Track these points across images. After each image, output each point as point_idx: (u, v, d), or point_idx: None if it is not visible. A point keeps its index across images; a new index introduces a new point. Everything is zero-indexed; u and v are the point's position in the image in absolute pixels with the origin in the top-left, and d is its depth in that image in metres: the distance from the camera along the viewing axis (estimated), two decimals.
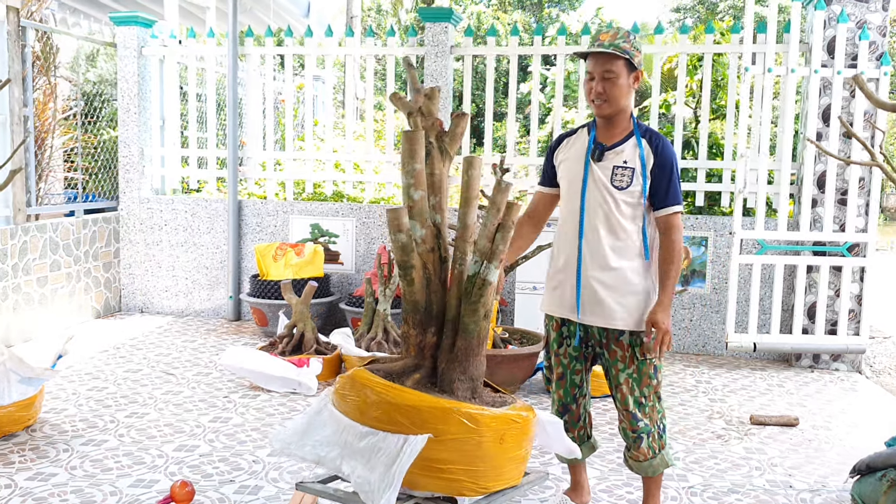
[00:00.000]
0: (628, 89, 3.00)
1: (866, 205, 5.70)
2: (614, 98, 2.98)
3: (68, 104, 7.19)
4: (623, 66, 2.95)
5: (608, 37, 2.95)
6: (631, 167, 2.98)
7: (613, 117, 3.03)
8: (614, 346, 3.04)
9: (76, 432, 4.10)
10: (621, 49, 2.92)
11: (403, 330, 2.63)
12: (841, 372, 5.77)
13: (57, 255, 6.31)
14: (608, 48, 2.92)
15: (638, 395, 3.04)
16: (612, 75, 2.94)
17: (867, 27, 5.58)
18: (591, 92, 3.00)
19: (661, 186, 2.99)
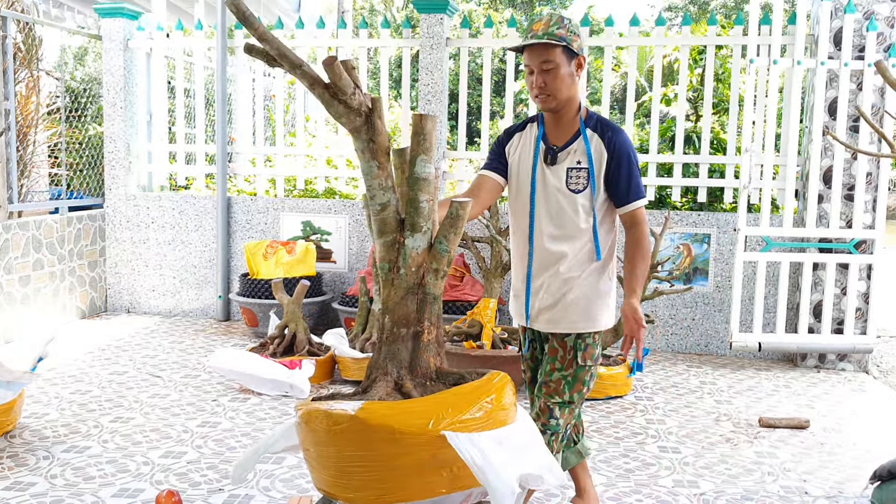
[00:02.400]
0: (571, 78, 2.78)
1: (874, 200, 5.57)
2: (557, 90, 2.76)
3: (52, 98, 6.99)
4: (562, 55, 2.73)
5: (541, 25, 2.73)
6: (585, 167, 2.79)
7: (561, 110, 2.82)
8: (557, 345, 2.88)
9: (57, 438, 3.92)
10: (556, 37, 2.69)
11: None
12: (848, 372, 5.64)
13: (40, 254, 6.12)
14: (542, 38, 2.69)
15: (567, 397, 2.87)
16: (551, 66, 2.73)
17: (875, 18, 5.44)
18: (533, 87, 2.78)
19: (620, 181, 2.79)
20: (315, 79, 2.11)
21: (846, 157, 5.55)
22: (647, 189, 6.20)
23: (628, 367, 4.87)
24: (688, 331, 6.07)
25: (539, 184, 2.84)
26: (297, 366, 4.81)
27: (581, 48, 2.78)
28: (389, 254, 2.26)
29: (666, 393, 4.99)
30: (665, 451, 3.97)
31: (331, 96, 2.12)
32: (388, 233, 2.23)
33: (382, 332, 2.30)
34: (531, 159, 2.86)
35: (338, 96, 2.13)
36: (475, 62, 18.04)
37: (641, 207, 2.84)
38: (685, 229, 5.99)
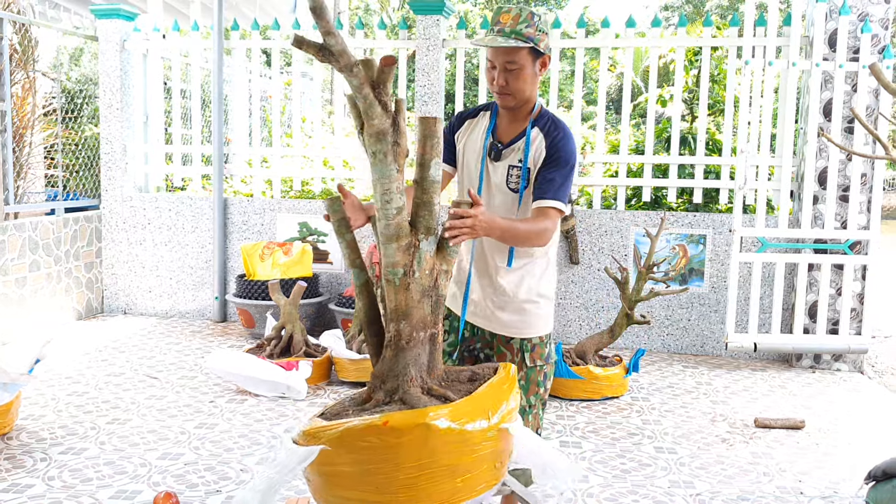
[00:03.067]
0: (534, 78, 2.70)
1: (868, 201, 5.59)
2: (519, 90, 2.68)
3: (48, 99, 6.99)
4: (527, 56, 2.63)
5: (509, 20, 2.61)
6: (525, 167, 2.72)
7: (518, 109, 2.75)
8: (504, 349, 2.79)
9: (55, 440, 3.92)
10: (524, 37, 2.59)
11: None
12: (843, 372, 5.66)
13: (36, 255, 6.11)
14: (510, 37, 2.59)
15: (524, 402, 2.77)
16: (515, 66, 2.63)
17: (869, 20, 5.46)
18: (494, 83, 2.68)
19: (546, 180, 2.67)
20: (366, 79, 2.08)
21: (841, 159, 5.57)
22: (644, 190, 6.22)
23: (624, 367, 4.89)
24: (684, 331, 6.09)
25: (485, 179, 2.77)
26: (293, 367, 4.81)
27: (548, 47, 2.69)
28: (405, 258, 2.21)
29: (662, 393, 5.01)
30: (661, 451, 3.98)
31: (375, 97, 2.09)
32: (404, 237, 2.19)
33: (399, 337, 2.24)
34: (479, 152, 2.79)
35: (380, 97, 2.10)
36: (471, 62, 18.04)
37: (555, 210, 2.67)
38: (681, 230, 6.00)
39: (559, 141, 2.69)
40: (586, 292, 6.20)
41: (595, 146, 6.77)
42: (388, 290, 2.19)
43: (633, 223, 6.10)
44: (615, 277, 4.95)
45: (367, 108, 2.06)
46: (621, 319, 4.90)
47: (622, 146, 6.23)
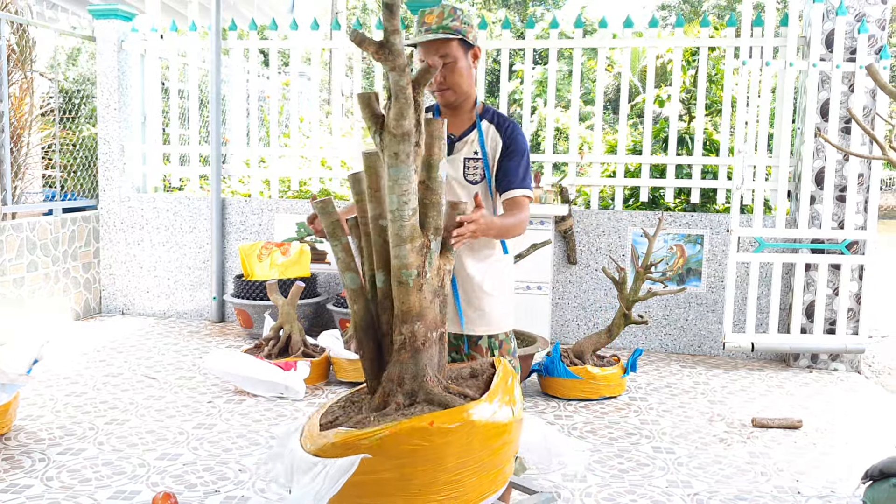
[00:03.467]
0: (469, 71, 2.74)
1: (865, 201, 5.60)
2: (457, 84, 2.72)
3: (46, 100, 6.98)
4: (458, 48, 2.68)
5: (434, 18, 2.67)
6: (481, 157, 2.76)
7: (460, 104, 2.78)
8: (472, 351, 2.82)
9: (53, 440, 3.92)
10: (451, 29, 2.64)
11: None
12: (840, 372, 5.67)
13: (34, 256, 6.11)
14: (437, 31, 2.64)
15: None
16: (449, 60, 2.67)
17: (866, 20, 5.47)
18: (432, 83, 2.72)
19: (510, 170, 2.74)
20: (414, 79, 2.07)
21: (838, 159, 5.59)
22: (641, 190, 6.24)
23: (622, 367, 4.89)
24: (681, 331, 6.10)
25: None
26: (292, 367, 4.81)
27: (475, 39, 2.73)
28: (418, 259, 2.20)
29: (660, 393, 5.02)
30: (659, 451, 3.99)
31: (416, 96, 2.08)
32: (418, 237, 2.18)
33: (415, 339, 2.22)
34: None
35: (417, 98, 2.10)
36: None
37: (527, 198, 2.77)
38: (678, 230, 6.01)
39: (513, 132, 2.77)
40: (584, 292, 6.21)
41: (593, 146, 6.78)
42: (401, 291, 2.16)
43: (631, 223, 6.11)
44: (613, 277, 4.96)
45: (403, 108, 2.03)
46: (619, 319, 4.91)
47: (620, 146, 6.23)
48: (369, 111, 2.07)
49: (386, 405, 2.16)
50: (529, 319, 5.85)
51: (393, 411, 2.12)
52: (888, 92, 3.09)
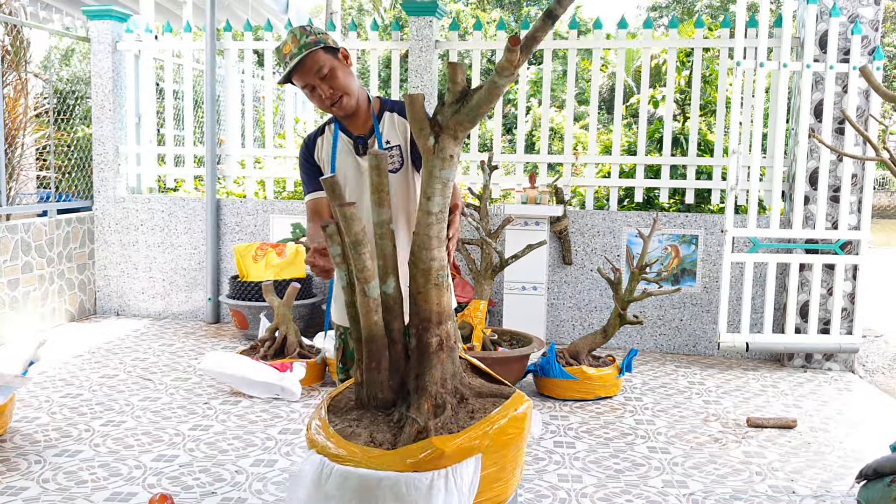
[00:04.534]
0: (346, 71, 2.76)
1: (859, 202, 5.62)
2: (344, 87, 2.73)
3: (40, 100, 6.97)
4: (326, 56, 2.70)
5: (290, 46, 2.69)
6: (395, 144, 2.77)
7: (358, 108, 2.80)
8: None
9: (49, 442, 3.91)
10: (310, 44, 2.67)
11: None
12: (834, 372, 5.69)
13: (29, 257, 6.10)
14: (301, 52, 2.66)
15: None
16: (325, 70, 2.69)
17: (859, 21, 5.49)
18: (324, 100, 2.74)
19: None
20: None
21: (832, 159, 5.61)
22: (636, 190, 6.25)
23: (617, 367, 4.91)
24: (676, 331, 6.11)
25: (360, 176, 2.80)
26: (287, 368, 4.81)
27: (335, 42, 2.76)
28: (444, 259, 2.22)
29: (655, 393, 5.03)
30: (654, 451, 4.00)
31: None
32: (444, 239, 2.21)
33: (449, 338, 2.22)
34: (346, 155, 2.82)
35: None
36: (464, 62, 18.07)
37: None
38: (673, 230, 6.03)
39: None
40: (579, 293, 6.23)
41: (587, 146, 6.79)
42: (437, 293, 2.17)
43: (626, 224, 6.12)
44: (608, 278, 4.97)
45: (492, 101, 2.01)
46: (614, 320, 4.92)
47: (614, 147, 6.25)
48: (422, 112, 2.05)
49: (439, 408, 2.15)
50: (525, 320, 5.86)
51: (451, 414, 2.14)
52: (881, 93, 3.11)
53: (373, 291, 2.16)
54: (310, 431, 2.15)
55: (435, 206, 2.10)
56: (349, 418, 2.20)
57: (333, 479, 1.94)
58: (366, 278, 2.12)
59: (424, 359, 2.18)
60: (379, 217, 2.17)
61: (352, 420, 2.19)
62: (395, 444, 2.05)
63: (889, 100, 3.15)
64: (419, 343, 2.19)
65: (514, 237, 5.88)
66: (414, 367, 2.20)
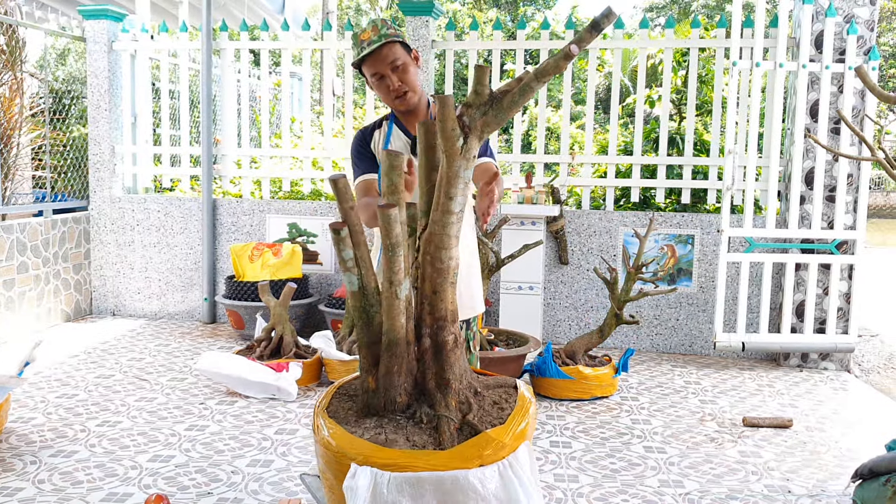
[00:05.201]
0: (416, 70, 2.87)
1: (854, 201, 5.63)
2: (412, 84, 2.83)
3: (35, 100, 6.96)
4: (402, 51, 2.81)
5: (370, 34, 2.79)
6: None
7: (416, 107, 2.88)
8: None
9: (44, 443, 3.91)
10: (390, 36, 2.77)
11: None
12: (830, 371, 5.70)
13: (24, 257, 6.09)
14: (380, 41, 2.76)
15: None
16: (400, 63, 2.80)
17: (855, 21, 5.50)
18: (390, 90, 2.82)
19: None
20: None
21: (828, 159, 5.62)
22: (632, 190, 6.26)
23: (614, 367, 4.91)
24: (672, 331, 6.12)
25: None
26: (284, 368, 4.81)
27: (411, 42, 2.85)
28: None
29: (651, 393, 5.03)
30: (650, 451, 4.00)
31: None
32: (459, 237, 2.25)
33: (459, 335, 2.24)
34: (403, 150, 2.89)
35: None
36: (460, 63, 18.06)
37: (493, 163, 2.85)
38: (669, 230, 6.03)
39: None
40: (575, 292, 6.23)
41: (584, 146, 6.79)
42: (451, 292, 2.19)
43: (622, 223, 6.13)
44: (604, 278, 4.98)
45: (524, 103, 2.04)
46: (610, 319, 4.93)
47: (611, 146, 6.25)
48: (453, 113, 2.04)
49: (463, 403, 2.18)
50: (521, 320, 5.86)
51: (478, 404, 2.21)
52: (877, 93, 3.11)
53: (402, 293, 2.14)
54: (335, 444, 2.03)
55: (457, 206, 2.10)
56: (367, 426, 2.13)
57: (397, 486, 1.90)
58: (399, 280, 2.09)
59: (442, 357, 2.18)
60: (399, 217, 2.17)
61: (371, 427, 2.12)
62: (441, 444, 2.03)
63: (884, 100, 3.16)
64: (435, 342, 2.19)
65: (510, 237, 5.88)
66: (431, 366, 2.19)
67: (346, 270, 2.13)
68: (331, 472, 2.06)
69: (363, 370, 2.22)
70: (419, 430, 2.11)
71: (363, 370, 2.22)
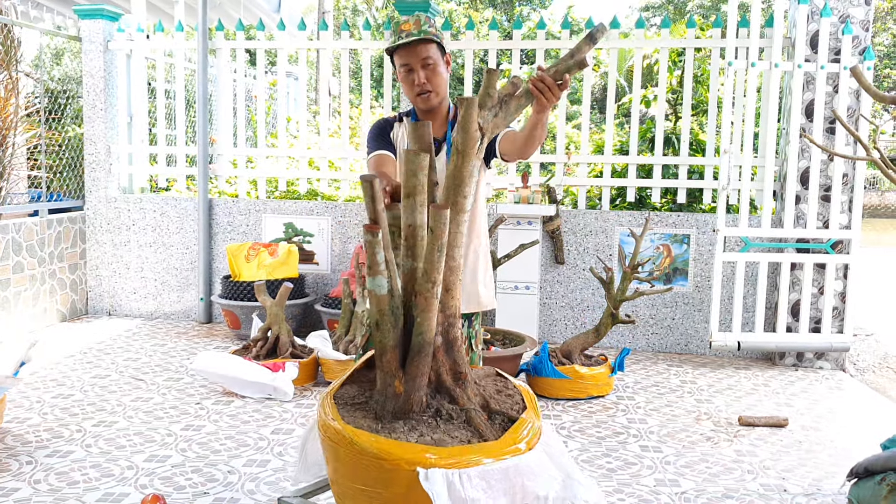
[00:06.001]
0: (446, 75, 2.89)
1: (850, 201, 5.65)
2: (438, 85, 2.85)
3: (31, 100, 6.94)
4: (437, 51, 2.84)
5: (411, 25, 2.81)
6: None
7: (437, 109, 2.90)
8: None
9: (40, 443, 3.90)
10: (431, 34, 2.80)
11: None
12: (825, 370, 5.72)
13: (20, 257, 6.08)
14: (419, 35, 2.78)
15: None
16: (431, 62, 2.83)
17: (850, 21, 5.52)
18: (415, 84, 2.85)
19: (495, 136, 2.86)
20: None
21: (823, 159, 5.63)
22: (628, 190, 6.27)
23: (610, 366, 4.92)
24: (668, 330, 6.13)
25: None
26: (280, 368, 4.81)
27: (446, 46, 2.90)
28: None
29: (647, 392, 5.04)
30: (647, 450, 4.01)
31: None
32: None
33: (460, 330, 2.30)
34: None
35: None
36: (456, 62, 18.07)
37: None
38: (665, 230, 6.04)
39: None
40: (571, 292, 6.24)
41: (580, 146, 6.80)
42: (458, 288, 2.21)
43: (618, 223, 6.13)
44: (600, 277, 4.98)
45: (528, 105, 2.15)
46: (606, 319, 4.93)
47: (606, 146, 6.26)
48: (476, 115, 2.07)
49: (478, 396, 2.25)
50: (517, 319, 5.87)
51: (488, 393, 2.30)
52: (872, 93, 3.12)
53: (439, 293, 2.13)
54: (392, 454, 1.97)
55: (469, 205, 2.16)
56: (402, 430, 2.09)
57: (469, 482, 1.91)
58: (438, 281, 2.09)
59: (454, 352, 2.21)
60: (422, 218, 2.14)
61: (407, 430, 2.09)
62: (482, 436, 2.07)
63: (879, 100, 3.17)
64: (447, 338, 2.20)
65: (506, 237, 5.88)
66: (444, 362, 2.20)
67: (377, 274, 2.06)
68: (381, 485, 1.97)
69: (387, 374, 2.15)
70: (452, 425, 2.11)
71: (387, 374, 2.15)
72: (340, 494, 2.11)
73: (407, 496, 1.92)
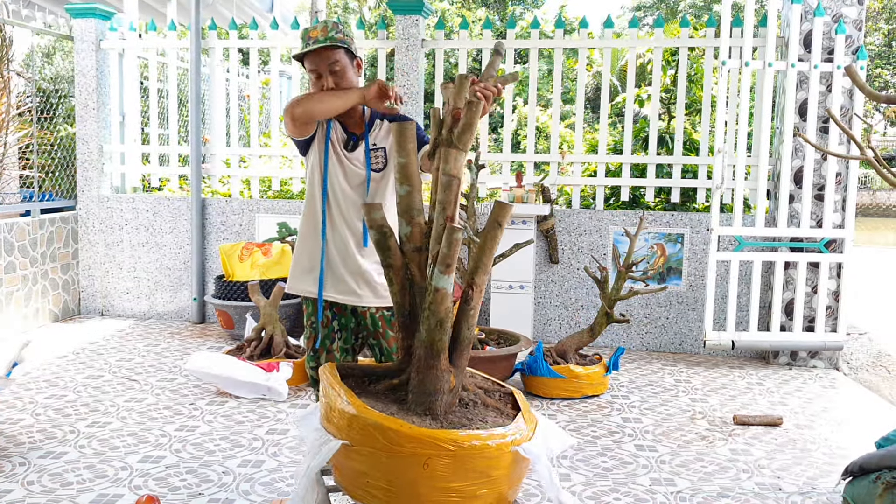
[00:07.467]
0: (356, 78, 3.04)
1: (843, 200, 5.66)
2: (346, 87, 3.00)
3: (23, 99, 6.90)
4: (345, 56, 2.98)
5: (319, 32, 2.95)
6: (382, 147, 3.07)
7: (350, 109, 3.00)
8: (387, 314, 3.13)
9: (33, 444, 3.88)
10: (338, 40, 2.94)
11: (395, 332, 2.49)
12: (819, 369, 5.73)
13: (12, 257, 6.05)
14: (326, 42, 2.92)
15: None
16: (339, 67, 2.96)
17: (843, 21, 5.53)
18: (323, 89, 2.98)
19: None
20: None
21: (816, 158, 5.64)
22: (622, 189, 6.27)
23: (604, 366, 4.92)
24: (662, 329, 6.13)
25: (342, 165, 3.06)
26: (274, 368, 4.79)
27: (356, 50, 3.04)
28: None
29: (642, 391, 5.04)
30: (642, 449, 4.01)
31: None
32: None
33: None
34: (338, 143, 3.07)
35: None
36: (449, 62, 18.05)
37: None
38: (659, 229, 6.05)
39: (404, 118, 3.03)
40: (566, 291, 6.23)
41: (574, 146, 6.79)
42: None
43: (612, 222, 6.14)
44: (594, 276, 4.98)
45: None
46: (601, 318, 4.93)
47: (600, 146, 6.26)
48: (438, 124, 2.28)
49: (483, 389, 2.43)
50: (512, 319, 5.87)
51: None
52: (866, 92, 3.13)
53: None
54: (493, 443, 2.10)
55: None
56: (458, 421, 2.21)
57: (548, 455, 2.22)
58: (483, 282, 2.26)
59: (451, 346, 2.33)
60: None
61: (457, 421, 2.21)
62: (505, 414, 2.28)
63: (874, 98, 3.17)
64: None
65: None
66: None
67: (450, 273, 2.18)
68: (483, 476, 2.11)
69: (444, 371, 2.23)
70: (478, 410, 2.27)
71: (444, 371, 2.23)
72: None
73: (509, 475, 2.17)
